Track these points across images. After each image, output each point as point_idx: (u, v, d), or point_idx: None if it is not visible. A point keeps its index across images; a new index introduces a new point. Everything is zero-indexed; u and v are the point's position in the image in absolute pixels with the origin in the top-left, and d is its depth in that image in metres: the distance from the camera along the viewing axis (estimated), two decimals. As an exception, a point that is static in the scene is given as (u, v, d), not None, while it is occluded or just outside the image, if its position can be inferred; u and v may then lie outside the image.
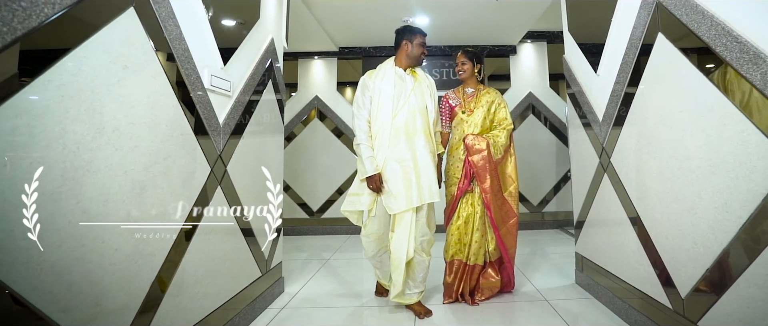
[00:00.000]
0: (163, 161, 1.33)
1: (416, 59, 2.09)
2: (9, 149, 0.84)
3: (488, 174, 2.10)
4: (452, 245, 2.17)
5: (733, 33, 1.21)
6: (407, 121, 1.97)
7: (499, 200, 2.17)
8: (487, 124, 2.24)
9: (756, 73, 1.13)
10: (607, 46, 2.06)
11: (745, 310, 1.21)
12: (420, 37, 2.09)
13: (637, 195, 1.79)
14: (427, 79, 2.15)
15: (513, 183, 2.23)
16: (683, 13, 1.44)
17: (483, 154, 2.11)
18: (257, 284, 2.05)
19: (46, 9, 0.90)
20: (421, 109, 2.03)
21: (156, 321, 1.29)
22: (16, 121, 0.85)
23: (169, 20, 1.37)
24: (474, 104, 2.25)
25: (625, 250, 1.90)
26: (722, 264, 1.29)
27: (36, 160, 0.89)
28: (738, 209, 1.21)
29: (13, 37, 0.83)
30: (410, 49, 2.07)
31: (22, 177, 0.87)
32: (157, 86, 1.32)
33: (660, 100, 1.61)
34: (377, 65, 2.13)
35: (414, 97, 2.02)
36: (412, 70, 2.10)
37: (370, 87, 2.02)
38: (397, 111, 1.97)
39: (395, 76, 2.02)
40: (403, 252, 1.93)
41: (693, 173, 1.40)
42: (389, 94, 1.97)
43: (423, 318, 1.99)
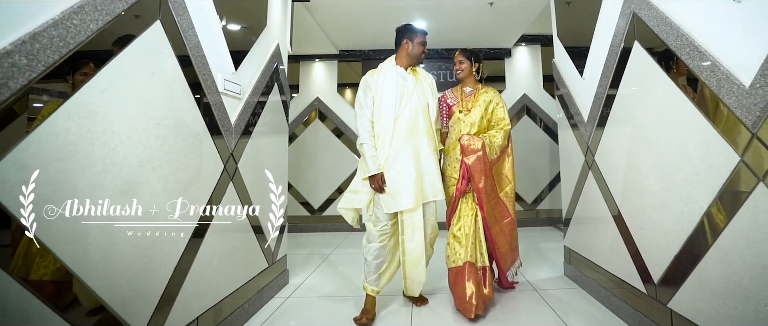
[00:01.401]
0: (184, 159, 1.47)
1: (417, 58, 2.08)
2: (63, 147, 0.98)
3: (483, 175, 2.07)
4: (457, 249, 2.09)
5: (694, 43, 1.36)
6: (410, 121, 1.97)
7: (494, 200, 2.14)
8: (485, 124, 2.21)
9: (713, 79, 1.28)
10: (591, 52, 2.21)
11: (704, 291, 1.35)
12: (420, 35, 2.09)
13: (617, 191, 1.94)
14: (428, 78, 2.16)
15: (509, 183, 2.20)
16: (655, 23, 1.58)
17: (478, 155, 2.08)
18: (264, 274, 2.19)
19: (92, 25, 1.04)
20: (423, 107, 2.03)
21: (178, 302, 1.42)
22: (68, 123, 0.99)
23: (189, 30, 1.51)
24: (472, 103, 2.23)
25: (608, 242, 2.04)
26: (686, 251, 1.43)
27: (82, 156, 1.03)
28: (699, 200, 1.36)
29: (68, 50, 0.97)
30: (411, 47, 2.06)
31: (75, 171, 1.01)
32: (179, 90, 1.46)
33: (636, 103, 1.75)
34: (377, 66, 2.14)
35: (416, 96, 2.02)
36: (412, 68, 2.10)
37: (372, 86, 2.01)
38: (400, 111, 1.97)
39: (397, 75, 2.02)
40: (420, 250, 1.98)
41: (664, 169, 1.55)
42: (392, 94, 1.97)
43: (420, 306, 2.15)
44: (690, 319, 1.43)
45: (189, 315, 1.50)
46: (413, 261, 2.00)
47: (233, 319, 1.81)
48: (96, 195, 1.07)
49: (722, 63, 1.25)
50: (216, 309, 1.68)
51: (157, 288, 1.33)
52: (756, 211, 1.14)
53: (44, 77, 0.92)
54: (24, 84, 0.87)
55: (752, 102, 1.14)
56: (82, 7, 1.02)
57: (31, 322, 0.91)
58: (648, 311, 1.68)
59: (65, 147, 0.99)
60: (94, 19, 1.05)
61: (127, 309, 1.19)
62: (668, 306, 1.55)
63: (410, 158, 1.95)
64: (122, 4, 1.15)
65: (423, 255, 1.99)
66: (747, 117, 1.15)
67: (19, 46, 0.86)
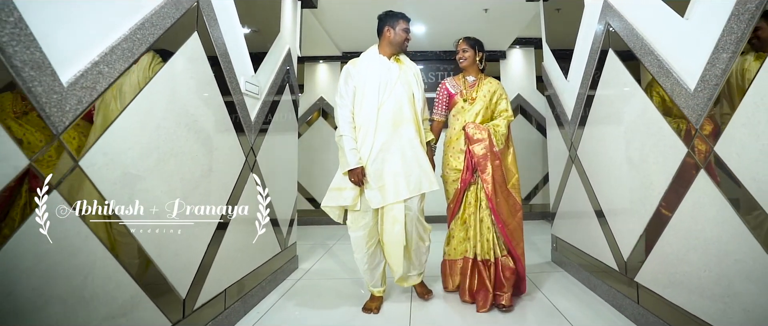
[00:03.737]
0: (216, 151, 1.70)
1: (399, 46, 1.99)
2: (122, 140, 1.20)
3: (489, 163, 2.01)
4: (459, 242, 2.08)
5: (655, 52, 1.59)
6: (394, 110, 1.89)
7: (505, 192, 2.07)
8: (489, 114, 2.18)
9: (667, 83, 1.51)
10: (574, 56, 2.44)
11: (662, 264, 1.59)
12: (403, 22, 1.98)
13: (595, 182, 2.17)
14: (413, 67, 2.06)
15: (514, 175, 2.15)
16: (624, 34, 1.81)
17: (485, 144, 2.03)
18: (278, 257, 2.42)
19: (150, 38, 1.27)
20: (408, 97, 1.94)
21: (211, 274, 1.65)
22: (132, 119, 1.21)
23: (219, 39, 1.73)
24: (476, 93, 2.19)
25: (588, 228, 2.28)
26: (648, 231, 1.67)
27: (144, 146, 1.26)
28: (657, 187, 1.59)
29: (133, 60, 1.20)
30: (393, 35, 1.97)
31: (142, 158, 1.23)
32: (211, 92, 1.68)
33: (610, 103, 1.99)
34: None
35: (400, 86, 1.93)
36: (396, 57, 2.01)
37: (353, 75, 1.93)
38: (382, 101, 1.88)
39: (380, 64, 1.94)
40: (398, 244, 1.91)
41: (631, 161, 1.78)
42: (374, 84, 1.88)
43: (427, 299, 2.11)
44: (651, 289, 1.66)
45: (218, 287, 1.72)
46: (390, 250, 1.95)
47: (253, 295, 2.03)
48: (151, 181, 1.29)
49: (674, 70, 1.48)
50: (239, 284, 1.91)
51: (194, 263, 1.55)
52: (698, 194, 1.37)
53: (115, 81, 1.15)
54: (105, 87, 1.09)
55: (695, 103, 1.37)
56: (143, 24, 1.24)
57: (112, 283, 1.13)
58: (619, 286, 1.92)
59: (131, 137, 1.21)
60: (152, 33, 1.27)
61: (176, 279, 1.42)
62: (635, 280, 1.78)
63: (395, 150, 1.87)
64: (170, 20, 1.38)
65: (399, 243, 1.91)
66: (692, 116, 1.38)
67: (103, 57, 1.08)
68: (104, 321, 1.10)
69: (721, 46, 1.25)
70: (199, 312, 1.55)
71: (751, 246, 1.16)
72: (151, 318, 1.29)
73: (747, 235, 1.17)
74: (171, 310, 1.39)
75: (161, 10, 1.33)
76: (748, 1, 1.15)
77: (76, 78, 1.00)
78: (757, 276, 1.15)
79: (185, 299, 1.47)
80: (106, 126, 1.11)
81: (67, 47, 0.99)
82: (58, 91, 0.96)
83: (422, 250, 2.05)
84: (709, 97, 1.31)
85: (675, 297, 1.51)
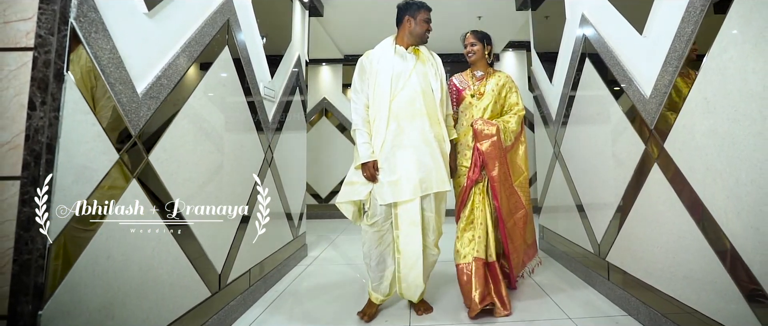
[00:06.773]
0: (240, 148, 1.95)
1: (420, 37, 1.89)
2: (176, 138, 1.45)
3: (497, 161, 1.94)
4: (466, 244, 1.96)
5: (621, 63, 1.86)
6: (409, 102, 1.79)
7: (508, 190, 2.01)
8: (498, 109, 2.11)
9: (630, 90, 1.77)
10: (558, 60, 2.71)
11: (627, 244, 1.86)
12: (424, 12, 1.88)
13: (575, 175, 2.44)
14: (433, 58, 1.94)
15: (523, 173, 2.09)
16: (598, 45, 2.08)
17: (492, 140, 1.95)
18: (291, 244, 2.68)
19: (194, 54, 1.52)
20: (424, 90, 1.83)
21: (239, 255, 1.90)
22: (183, 121, 1.46)
23: (244, 50, 1.98)
24: (484, 87, 2.11)
25: (569, 215, 2.55)
26: (616, 215, 1.94)
27: (191, 143, 1.51)
28: (623, 178, 1.86)
29: (183, 73, 1.45)
30: (413, 25, 1.87)
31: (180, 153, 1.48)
32: (238, 97, 1.94)
33: (586, 105, 2.25)
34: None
35: (416, 77, 1.83)
36: (415, 48, 1.91)
37: (367, 69, 1.86)
38: (396, 92, 1.79)
39: (395, 54, 1.86)
40: (416, 248, 1.77)
41: (603, 155, 2.05)
42: (388, 75, 1.79)
43: (421, 315, 1.90)
44: (618, 266, 1.93)
45: (244, 267, 1.98)
46: (408, 261, 1.79)
47: (272, 276, 2.29)
48: (182, 173, 1.55)
49: (635, 78, 1.75)
50: (260, 266, 2.16)
51: (226, 244, 1.81)
52: (652, 183, 1.64)
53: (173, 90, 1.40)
54: (166, 96, 1.35)
55: (650, 107, 1.63)
56: (189, 43, 1.49)
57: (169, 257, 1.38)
58: (593, 266, 2.19)
59: (181, 138, 1.46)
60: (196, 50, 1.52)
61: (214, 256, 1.68)
62: (606, 260, 2.05)
63: (409, 144, 1.78)
64: (208, 37, 1.63)
65: (420, 255, 1.77)
66: (648, 118, 1.65)
67: (163, 71, 1.33)
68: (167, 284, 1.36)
69: (668, 61, 1.52)
70: (230, 286, 1.81)
71: (688, 223, 1.43)
72: (196, 289, 1.55)
73: (685, 215, 1.44)
74: (210, 282, 1.64)
75: (203, 29, 1.58)
76: (687, 26, 1.42)
77: (146, 89, 1.25)
78: (694, 248, 1.42)
79: (220, 274, 1.73)
80: (165, 127, 1.36)
81: (139, 65, 1.24)
82: (136, 100, 1.21)
83: (431, 260, 1.89)
84: (659, 103, 1.58)
85: (636, 271, 1.79)
